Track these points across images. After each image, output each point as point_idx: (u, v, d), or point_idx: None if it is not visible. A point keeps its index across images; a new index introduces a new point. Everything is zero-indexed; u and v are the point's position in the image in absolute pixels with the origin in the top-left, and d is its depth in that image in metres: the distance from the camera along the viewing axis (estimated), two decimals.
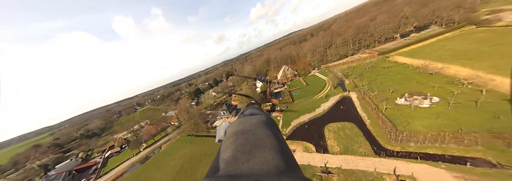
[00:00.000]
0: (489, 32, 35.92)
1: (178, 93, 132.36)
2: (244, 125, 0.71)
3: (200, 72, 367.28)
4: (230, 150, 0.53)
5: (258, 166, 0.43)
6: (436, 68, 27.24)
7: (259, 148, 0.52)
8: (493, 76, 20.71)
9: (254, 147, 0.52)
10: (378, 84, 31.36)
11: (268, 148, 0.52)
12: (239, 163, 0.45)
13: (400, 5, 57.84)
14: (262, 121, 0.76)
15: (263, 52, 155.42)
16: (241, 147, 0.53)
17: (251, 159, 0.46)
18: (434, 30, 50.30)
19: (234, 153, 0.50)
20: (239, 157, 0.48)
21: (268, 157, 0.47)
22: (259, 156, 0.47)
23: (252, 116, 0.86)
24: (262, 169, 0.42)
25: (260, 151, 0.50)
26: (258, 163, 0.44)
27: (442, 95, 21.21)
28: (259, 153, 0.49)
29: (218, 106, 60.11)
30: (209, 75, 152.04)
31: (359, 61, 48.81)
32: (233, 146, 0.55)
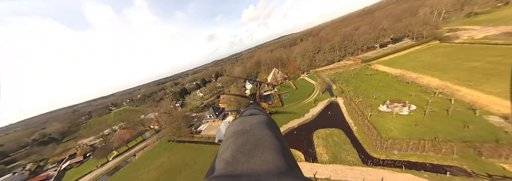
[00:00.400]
0: (451, 47, 41.42)
1: (162, 92, 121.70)
2: (244, 125, 0.71)
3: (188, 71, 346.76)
4: (230, 150, 0.53)
5: (258, 166, 0.43)
6: (412, 78, 29.79)
7: (259, 148, 0.52)
8: (458, 87, 23.22)
9: (254, 147, 0.53)
10: (363, 90, 32.98)
11: (268, 148, 0.52)
12: (239, 163, 0.45)
13: (379, 18, 63.77)
14: (262, 121, 0.76)
15: (254, 54, 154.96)
16: (241, 147, 0.53)
17: (251, 159, 0.47)
18: (407, 42, 56.42)
19: (234, 153, 0.50)
20: (239, 157, 0.48)
21: (268, 157, 0.47)
22: (259, 156, 0.48)
23: (252, 116, 0.86)
24: (262, 169, 0.42)
25: (260, 151, 0.51)
26: (258, 163, 0.45)
27: (418, 103, 22.88)
28: (259, 153, 0.49)
29: (205, 108, 56.26)
30: (197, 75, 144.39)
31: (345, 68, 51.53)
32: (233, 146, 0.55)
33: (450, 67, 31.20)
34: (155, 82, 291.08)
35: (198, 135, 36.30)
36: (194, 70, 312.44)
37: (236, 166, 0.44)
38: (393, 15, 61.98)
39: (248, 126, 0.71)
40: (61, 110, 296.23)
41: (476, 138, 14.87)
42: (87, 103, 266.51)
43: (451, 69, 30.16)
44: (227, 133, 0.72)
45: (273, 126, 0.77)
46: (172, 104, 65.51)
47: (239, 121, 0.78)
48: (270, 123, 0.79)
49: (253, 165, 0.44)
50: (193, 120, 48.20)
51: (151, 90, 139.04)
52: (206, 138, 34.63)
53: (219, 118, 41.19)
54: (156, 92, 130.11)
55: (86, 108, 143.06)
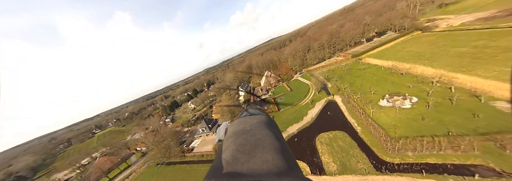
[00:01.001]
0: (433, 36, 42.78)
1: (151, 108, 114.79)
2: (244, 125, 0.72)
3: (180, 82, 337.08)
4: (230, 150, 0.54)
5: (258, 166, 0.43)
6: (405, 69, 29.49)
7: (259, 148, 0.53)
8: (454, 73, 22.80)
9: (254, 147, 0.53)
10: (359, 86, 32.16)
11: (268, 148, 0.53)
12: (239, 163, 0.45)
13: (361, 15, 66.42)
14: (262, 121, 0.77)
15: (245, 58, 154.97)
16: (241, 147, 0.54)
17: (251, 159, 0.47)
18: (390, 35, 58.39)
19: (234, 153, 0.51)
20: (239, 157, 0.48)
21: (268, 157, 0.48)
22: (259, 156, 0.48)
23: (252, 116, 0.87)
24: (262, 169, 0.42)
25: (260, 151, 0.51)
26: (258, 163, 0.45)
27: (419, 95, 22.02)
28: (259, 153, 0.49)
29: (197, 121, 52.81)
30: (189, 85, 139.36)
31: (337, 64, 51.51)
32: (233, 146, 0.55)
33: (438, 54, 31.49)
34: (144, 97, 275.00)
35: (191, 154, 32.70)
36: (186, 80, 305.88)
37: (236, 166, 0.44)
38: (373, 11, 64.77)
39: (248, 126, 0.71)
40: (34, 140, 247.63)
41: (491, 128, 13.71)
42: (67, 128, 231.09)
43: (440, 56, 30.38)
44: (227, 133, 0.73)
45: (273, 126, 0.77)
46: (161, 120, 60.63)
47: (239, 121, 0.78)
48: (270, 123, 0.79)
49: (253, 165, 0.44)
50: (185, 136, 44.30)
51: (140, 106, 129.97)
52: (199, 156, 31.17)
53: (212, 130, 37.86)
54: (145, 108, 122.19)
55: (66, 134, 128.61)
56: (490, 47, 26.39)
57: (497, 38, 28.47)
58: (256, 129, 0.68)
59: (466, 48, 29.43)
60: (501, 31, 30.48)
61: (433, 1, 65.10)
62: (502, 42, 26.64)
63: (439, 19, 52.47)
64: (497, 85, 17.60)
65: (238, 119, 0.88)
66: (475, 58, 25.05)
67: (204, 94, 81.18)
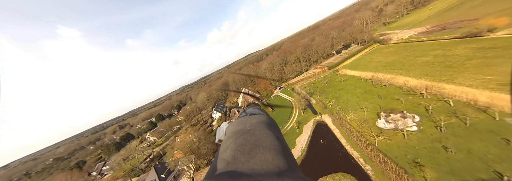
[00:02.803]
0: (392, 47, 47.35)
1: (93, 147, 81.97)
2: (244, 125, 0.72)
3: (149, 104, 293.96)
4: (230, 150, 0.53)
5: (258, 166, 0.43)
6: (386, 79, 28.11)
7: (259, 148, 0.53)
8: (438, 83, 21.35)
9: (254, 147, 0.53)
10: (345, 101, 28.79)
11: (268, 148, 0.53)
12: (239, 163, 0.45)
13: (327, 30, 73.57)
14: (262, 121, 0.77)
15: (222, 74, 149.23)
16: (241, 147, 0.54)
17: (251, 159, 0.47)
18: (355, 47, 64.46)
19: (234, 153, 0.51)
20: (239, 157, 0.48)
21: (268, 157, 0.48)
22: (259, 156, 0.48)
23: (252, 116, 0.87)
24: (262, 169, 0.42)
25: (260, 151, 0.51)
26: (258, 163, 0.45)
27: (417, 111, 18.82)
28: (259, 153, 0.49)
29: (154, 160, 38.40)
30: (155, 109, 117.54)
31: (316, 76, 50.51)
32: (233, 146, 0.55)
33: (407, 64, 32.37)
34: (91, 131, 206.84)
35: None
36: (156, 102, 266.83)
37: (236, 166, 0.44)
38: (336, 27, 72.77)
39: (248, 126, 0.71)
40: None
41: None
42: None
43: (410, 66, 30.99)
44: (227, 133, 0.73)
45: (273, 126, 0.77)
46: (95, 169, 40.68)
47: (239, 121, 0.78)
48: (270, 123, 0.79)
49: (253, 165, 0.44)
50: None
51: (78, 145, 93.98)
52: None
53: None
54: (83, 147, 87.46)
55: None
56: (450, 55, 27.96)
57: (448, 47, 31.36)
58: (256, 129, 0.67)
59: (429, 57, 31.06)
60: (447, 41, 34.42)
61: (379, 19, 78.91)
62: (456, 51, 28.91)
63: (389, 34, 61.44)
64: (493, 96, 15.56)
65: (238, 119, 0.87)
66: (445, 67, 25.41)
67: (171, 120, 65.16)
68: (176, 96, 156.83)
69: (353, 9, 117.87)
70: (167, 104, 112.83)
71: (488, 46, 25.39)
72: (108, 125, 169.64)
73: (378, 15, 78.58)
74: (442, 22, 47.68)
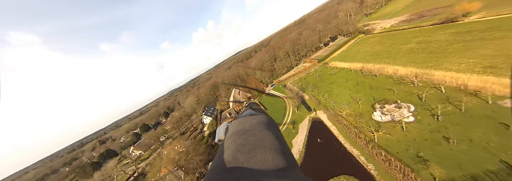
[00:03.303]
0: (376, 37, 48.42)
1: (69, 168, 67.64)
2: (244, 125, 0.73)
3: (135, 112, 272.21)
4: (230, 150, 0.54)
5: (258, 166, 0.44)
6: (375, 70, 28.15)
7: (259, 148, 0.53)
8: (426, 70, 21.55)
9: (254, 147, 0.54)
10: (338, 95, 28.40)
11: (268, 148, 0.54)
12: (239, 163, 0.46)
13: (313, 23, 73.50)
14: (262, 121, 0.78)
15: (212, 75, 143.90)
16: (241, 147, 0.54)
17: (251, 159, 0.47)
18: (342, 39, 65.35)
19: (234, 153, 0.51)
20: (239, 157, 0.49)
21: (268, 157, 0.48)
22: (259, 156, 0.48)
23: (252, 116, 0.88)
24: (262, 169, 0.42)
25: (260, 151, 0.52)
26: (258, 163, 0.45)
27: (411, 100, 18.68)
28: (259, 153, 0.50)
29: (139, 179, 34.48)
30: (140, 118, 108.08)
31: (306, 71, 50.08)
32: (233, 146, 0.56)
33: (393, 52, 32.95)
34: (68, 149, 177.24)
35: None
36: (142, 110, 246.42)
37: (236, 166, 0.45)
38: (322, 20, 72.89)
39: (248, 126, 0.71)
40: None
41: None
42: None
43: (396, 54, 31.53)
44: (227, 133, 0.74)
45: (273, 126, 0.78)
46: None
47: (239, 121, 0.79)
48: (270, 123, 0.80)
49: (253, 165, 0.44)
50: None
51: (50, 168, 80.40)
52: None
53: None
54: (57, 170, 74.89)
55: None
56: (433, 41, 28.78)
57: (429, 34, 32.42)
58: (256, 129, 0.68)
59: (412, 45, 31.84)
60: (427, 28, 35.64)
61: (361, 11, 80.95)
62: (437, 36, 29.88)
63: (372, 24, 63.15)
64: (481, 79, 15.76)
65: (238, 119, 0.88)
66: (429, 53, 25.99)
67: (158, 131, 58.48)
68: (164, 101, 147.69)
69: (336, 1, 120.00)
70: (153, 111, 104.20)
71: (465, 30, 26.45)
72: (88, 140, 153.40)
73: (360, 6, 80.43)
74: (419, 10, 49.83)
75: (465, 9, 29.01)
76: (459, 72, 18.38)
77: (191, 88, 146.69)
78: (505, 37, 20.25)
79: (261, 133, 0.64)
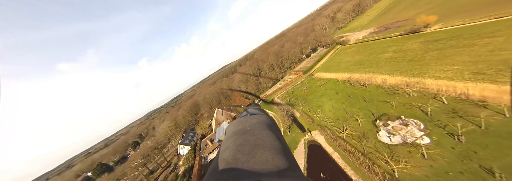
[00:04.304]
0: (353, 47, 51.68)
1: None
2: (244, 125, 0.73)
3: (100, 143, 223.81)
4: (230, 150, 0.54)
5: (258, 166, 0.44)
6: (364, 80, 27.31)
7: (259, 148, 0.53)
8: (415, 79, 20.86)
9: (254, 147, 0.54)
10: (331, 110, 25.90)
11: (268, 148, 0.54)
12: (239, 163, 0.46)
13: (293, 36, 77.87)
14: (262, 121, 0.79)
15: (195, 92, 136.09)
16: (241, 147, 0.55)
17: (251, 159, 0.47)
18: (322, 50, 69.21)
19: (234, 153, 0.51)
20: (239, 157, 0.49)
21: (268, 157, 0.48)
22: (259, 156, 0.49)
23: (252, 116, 0.89)
24: (262, 169, 0.42)
25: (260, 151, 0.52)
26: (258, 163, 0.45)
27: (415, 114, 16.64)
28: (259, 153, 0.50)
29: None
30: (101, 153, 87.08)
31: (292, 83, 48.85)
32: (233, 146, 0.56)
33: (373, 62, 33.77)
34: None
35: None
36: (111, 138, 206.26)
37: (236, 166, 0.45)
38: (301, 33, 78.09)
39: (248, 126, 0.72)
40: None
41: None
42: None
43: (377, 63, 32.19)
44: (227, 133, 0.75)
45: (273, 126, 0.78)
46: None
47: (239, 121, 0.80)
48: (270, 123, 0.81)
49: (253, 165, 0.44)
50: None
51: None
52: None
53: None
54: None
55: None
56: (407, 50, 30.26)
57: (401, 43, 34.83)
58: (256, 129, 0.68)
59: (390, 53, 33.27)
60: (396, 38, 38.79)
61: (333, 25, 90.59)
62: (409, 45, 31.86)
63: (346, 36, 69.46)
64: (483, 87, 14.70)
65: (238, 119, 0.88)
66: (409, 61, 26.56)
67: (116, 173, 45.11)
68: (138, 126, 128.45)
69: (310, 18, 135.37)
70: (120, 142, 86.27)
71: (433, 39, 28.54)
72: None
73: (332, 21, 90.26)
74: (383, 23, 56.66)
75: (425, 21, 32.48)
76: (450, 79, 17.67)
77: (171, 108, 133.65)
78: (473, 44, 21.39)
79: (261, 133, 0.64)
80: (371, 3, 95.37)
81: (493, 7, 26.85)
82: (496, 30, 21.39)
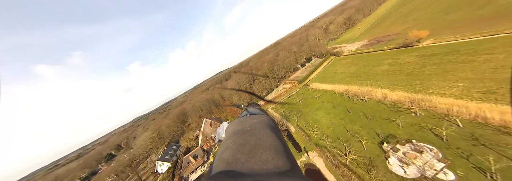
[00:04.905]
0: (347, 58, 52.01)
1: None
2: (244, 125, 0.74)
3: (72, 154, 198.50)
4: (230, 150, 0.55)
5: (258, 166, 0.44)
6: (363, 93, 25.65)
7: (259, 148, 0.54)
8: (418, 95, 19.34)
9: (254, 147, 0.54)
10: (330, 126, 23.40)
11: (268, 148, 0.54)
12: (239, 163, 0.46)
13: (288, 45, 78.73)
14: (262, 121, 0.79)
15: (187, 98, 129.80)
16: (241, 147, 0.55)
17: (251, 159, 0.48)
18: (316, 60, 69.72)
19: (234, 153, 0.52)
20: (239, 157, 0.49)
21: (268, 157, 0.49)
22: (259, 156, 0.49)
23: (252, 116, 0.90)
24: (262, 169, 0.43)
25: (260, 151, 0.52)
26: (258, 163, 0.46)
27: (427, 138, 14.48)
28: (259, 153, 0.50)
29: None
30: (70, 166, 75.94)
31: (287, 93, 46.83)
32: (233, 146, 0.57)
33: (370, 74, 32.94)
34: None
35: None
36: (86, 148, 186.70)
37: (236, 166, 0.45)
38: (295, 42, 79.28)
39: (248, 126, 0.72)
40: None
41: None
42: None
43: (374, 76, 31.27)
44: (227, 133, 0.76)
45: (273, 126, 0.79)
46: None
47: (239, 121, 0.80)
48: (270, 123, 0.81)
49: (253, 165, 0.44)
50: None
51: None
52: None
53: None
54: None
55: None
56: (404, 64, 29.80)
57: (396, 56, 34.84)
58: (256, 129, 0.69)
59: (385, 66, 32.77)
60: (389, 51, 39.15)
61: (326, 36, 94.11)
62: (404, 59, 31.67)
63: (339, 47, 71.30)
64: (502, 110, 13.06)
65: (238, 119, 0.89)
66: (407, 75, 25.68)
67: None
68: (118, 135, 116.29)
69: (304, 29, 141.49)
70: (94, 153, 74.59)
71: (429, 54, 28.43)
72: None
73: (325, 33, 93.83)
74: (375, 36, 58.87)
75: (417, 36, 33.09)
76: (458, 98, 16.17)
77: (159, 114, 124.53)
78: (472, 60, 20.86)
79: (261, 133, 0.64)
80: (360, 18, 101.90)
81: (481, 24, 27.76)
82: (492, 47, 21.25)
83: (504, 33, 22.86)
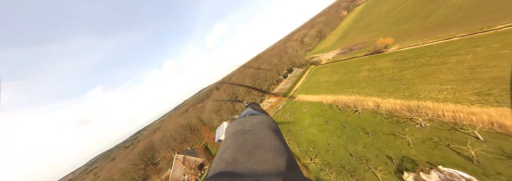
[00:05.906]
0: (327, 67, 53.76)
1: None
2: (244, 125, 0.75)
3: None
4: (230, 150, 0.55)
5: (258, 166, 0.45)
6: (353, 102, 23.74)
7: (259, 148, 0.55)
8: (412, 101, 17.88)
9: (254, 147, 0.55)
10: (327, 148, 19.68)
11: (268, 148, 0.55)
12: (239, 163, 0.47)
13: (269, 58, 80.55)
14: (262, 121, 0.80)
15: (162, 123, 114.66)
16: (241, 147, 0.56)
17: (251, 159, 0.48)
18: (297, 70, 71.31)
19: (234, 153, 0.52)
20: (239, 157, 0.50)
21: (268, 157, 0.49)
22: (259, 156, 0.50)
23: (252, 116, 0.91)
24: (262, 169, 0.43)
25: (260, 151, 0.53)
26: (258, 163, 0.46)
27: (452, 161, 11.71)
28: (259, 153, 0.51)
29: None
30: None
31: (274, 108, 43.50)
32: (233, 146, 0.57)
33: (353, 81, 32.72)
34: None
35: None
36: None
37: (236, 166, 0.46)
38: (275, 55, 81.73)
39: (248, 126, 0.74)
40: None
41: None
42: None
43: (357, 83, 30.93)
44: (227, 133, 0.77)
45: (273, 126, 0.80)
46: None
47: (239, 121, 0.81)
48: (270, 123, 0.82)
49: (253, 165, 0.45)
50: None
51: None
52: None
53: None
54: None
55: None
56: (382, 69, 30.46)
57: (371, 62, 36.36)
58: (256, 129, 0.70)
59: (365, 72, 33.24)
60: (363, 58, 41.34)
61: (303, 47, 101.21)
62: (380, 64, 32.82)
63: (316, 56, 75.74)
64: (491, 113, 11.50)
65: (238, 119, 0.90)
66: (390, 80, 25.43)
67: None
68: (82, 173, 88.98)
69: (282, 42, 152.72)
70: None
71: (400, 58, 29.86)
72: None
73: (301, 44, 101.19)
74: (346, 45, 64.49)
75: (384, 43, 35.93)
76: (456, 102, 14.85)
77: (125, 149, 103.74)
78: (445, 62, 21.55)
79: (261, 133, 0.65)
80: (329, 31, 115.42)
81: (432, 32, 31.36)
82: (455, 49, 22.70)
83: (457, 36, 25.39)
